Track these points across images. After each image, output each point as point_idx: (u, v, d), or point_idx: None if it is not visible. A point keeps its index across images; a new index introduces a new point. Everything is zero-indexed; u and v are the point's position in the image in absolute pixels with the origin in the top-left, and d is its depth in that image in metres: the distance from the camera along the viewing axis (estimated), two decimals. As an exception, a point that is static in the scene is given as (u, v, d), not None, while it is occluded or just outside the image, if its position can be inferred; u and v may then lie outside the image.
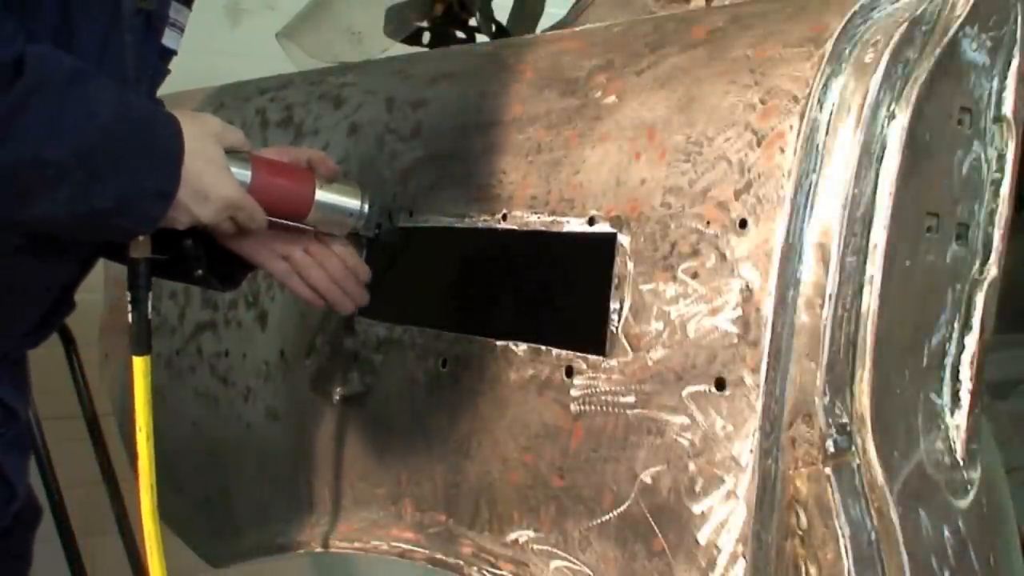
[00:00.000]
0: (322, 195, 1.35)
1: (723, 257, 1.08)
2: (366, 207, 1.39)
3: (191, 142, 1.18)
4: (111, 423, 2.19)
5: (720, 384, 1.06)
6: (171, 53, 1.40)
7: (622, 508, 1.14)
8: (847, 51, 1.06)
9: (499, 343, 1.30)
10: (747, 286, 1.05)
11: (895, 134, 1.04)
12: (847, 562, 1.01)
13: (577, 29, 1.48)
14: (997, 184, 1.12)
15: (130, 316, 1.27)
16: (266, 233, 1.33)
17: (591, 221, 1.22)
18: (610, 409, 1.16)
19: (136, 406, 1.26)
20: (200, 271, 1.35)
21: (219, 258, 1.34)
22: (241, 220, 1.26)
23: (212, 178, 1.20)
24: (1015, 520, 1.28)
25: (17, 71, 1.05)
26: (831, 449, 1.03)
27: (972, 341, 1.10)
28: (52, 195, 1.10)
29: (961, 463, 1.10)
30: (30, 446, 1.45)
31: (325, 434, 1.57)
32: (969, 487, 1.11)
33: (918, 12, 1.06)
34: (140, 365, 1.26)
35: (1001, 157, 1.12)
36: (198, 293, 1.86)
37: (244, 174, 1.27)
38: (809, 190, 1.04)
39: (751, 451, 1.04)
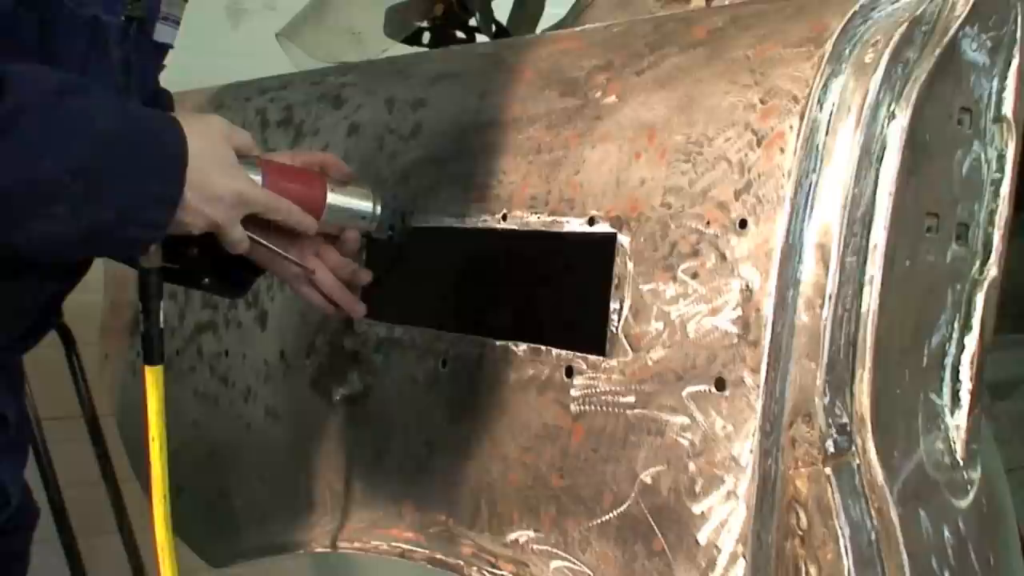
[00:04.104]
0: (334, 198, 1.33)
1: (723, 257, 1.08)
2: (378, 209, 1.37)
3: (196, 143, 1.15)
4: (111, 423, 2.19)
5: (720, 384, 1.06)
6: (165, 47, 1.38)
7: (622, 508, 1.14)
8: (847, 51, 1.06)
9: (499, 343, 1.30)
10: (747, 286, 1.05)
11: (895, 134, 1.04)
12: (847, 562, 1.01)
13: (577, 29, 1.48)
14: (997, 184, 1.12)
15: (141, 327, 1.25)
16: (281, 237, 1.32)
17: (591, 221, 1.22)
18: (610, 409, 1.16)
19: (149, 416, 1.24)
20: (207, 279, 1.34)
21: (226, 265, 1.33)
22: (273, 218, 1.25)
23: (221, 176, 1.18)
24: (1015, 520, 1.28)
25: None
26: (831, 449, 1.03)
27: (972, 341, 1.10)
28: (49, 213, 1.07)
29: (961, 463, 1.10)
30: (25, 450, 1.44)
31: (325, 434, 1.57)
32: (969, 487, 1.11)
33: (918, 12, 1.06)
34: (152, 375, 1.24)
35: (1001, 157, 1.12)
36: (198, 294, 1.86)
37: (255, 179, 1.24)
38: (809, 190, 1.04)
39: (751, 451, 1.04)
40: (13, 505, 1.36)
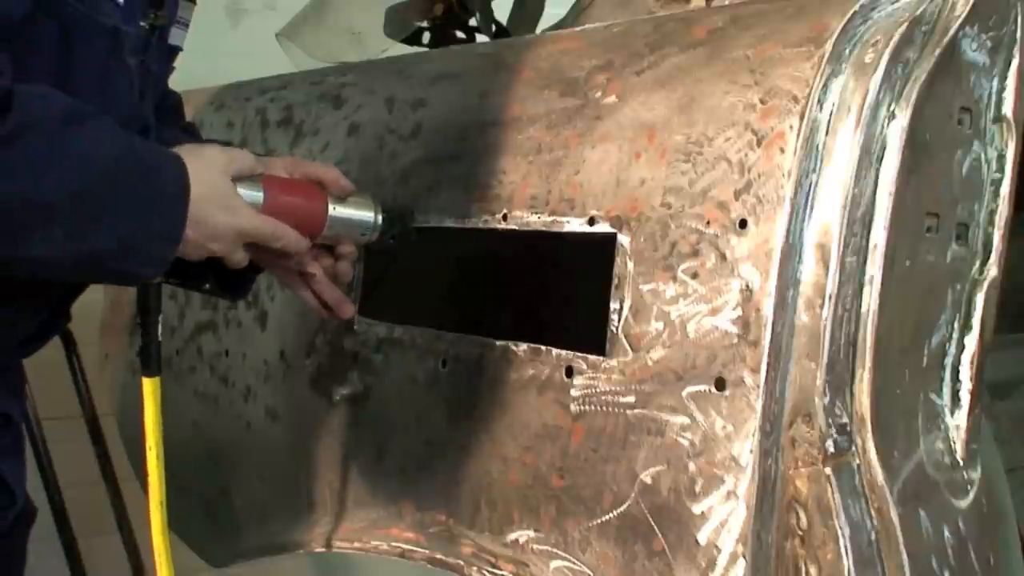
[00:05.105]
0: (335, 211, 1.33)
1: (723, 257, 1.08)
2: (379, 221, 1.38)
3: (198, 178, 1.16)
4: (111, 423, 2.19)
5: (720, 384, 1.06)
6: (176, 50, 1.40)
7: (622, 508, 1.14)
8: (847, 51, 1.06)
9: (499, 343, 1.30)
10: (747, 286, 1.05)
11: (895, 134, 1.04)
12: (847, 562, 1.01)
13: (577, 29, 1.48)
14: (997, 184, 1.12)
15: (140, 339, 1.27)
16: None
17: (591, 221, 1.22)
18: (610, 409, 1.16)
19: (146, 426, 1.26)
20: (208, 285, 1.35)
21: (226, 270, 1.33)
22: (272, 246, 1.25)
23: (221, 214, 1.19)
24: (1015, 520, 1.28)
25: (4, 107, 1.03)
26: (831, 449, 1.03)
27: (972, 341, 1.10)
28: (47, 235, 1.07)
29: (961, 463, 1.10)
30: (25, 449, 1.44)
31: (325, 434, 1.57)
32: (969, 487, 1.11)
33: (918, 12, 1.06)
34: (150, 386, 1.26)
35: (1001, 157, 1.12)
36: (198, 294, 1.86)
37: (256, 196, 1.25)
38: (809, 190, 1.04)
39: (751, 451, 1.04)
40: (19, 505, 1.37)
